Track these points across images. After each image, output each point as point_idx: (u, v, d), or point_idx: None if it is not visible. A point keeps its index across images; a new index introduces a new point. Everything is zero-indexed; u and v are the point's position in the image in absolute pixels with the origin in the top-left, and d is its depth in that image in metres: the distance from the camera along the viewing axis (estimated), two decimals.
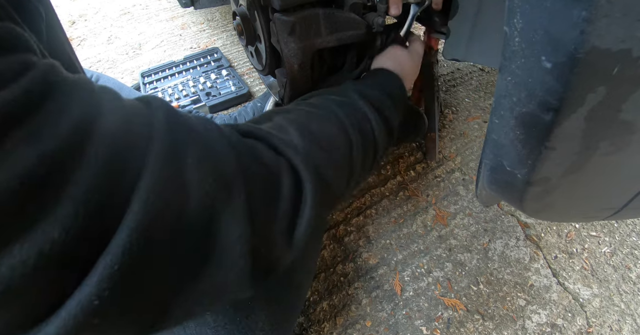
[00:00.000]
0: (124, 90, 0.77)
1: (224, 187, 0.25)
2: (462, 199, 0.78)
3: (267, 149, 0.31)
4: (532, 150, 0.29)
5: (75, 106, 0.19)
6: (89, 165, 0.19)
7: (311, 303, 0.64)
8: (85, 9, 1.67)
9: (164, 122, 0.24)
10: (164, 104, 0.27)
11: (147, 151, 0.22)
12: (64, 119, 0.18)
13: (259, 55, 0.57)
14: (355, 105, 0.43)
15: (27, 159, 0.16)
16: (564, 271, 0.67)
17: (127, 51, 1.33)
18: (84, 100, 0.20)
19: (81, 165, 0.18)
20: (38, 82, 0.18)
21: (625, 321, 0.61)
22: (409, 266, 0.68)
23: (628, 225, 0.75)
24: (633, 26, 0.20)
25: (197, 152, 0.24)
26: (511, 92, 0.27)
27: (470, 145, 0.89)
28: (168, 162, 0.22)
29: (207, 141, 0.26)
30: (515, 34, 0.24)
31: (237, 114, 0.85)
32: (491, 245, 0.70)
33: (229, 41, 1.32)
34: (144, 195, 0.20)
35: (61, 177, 0.18)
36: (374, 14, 0.51)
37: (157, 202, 0.21)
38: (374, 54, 0.57)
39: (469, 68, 1.12)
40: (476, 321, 0.61)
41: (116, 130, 0.21)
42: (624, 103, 0.24)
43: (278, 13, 0.44)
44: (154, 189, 0.21)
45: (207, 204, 0.23)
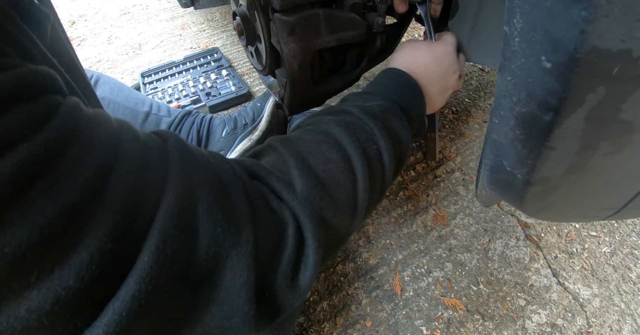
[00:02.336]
0: (124, 90, 0.77)
1: (233, 234, 0.25)
2: (462, 199, 0.78)
3: (271, 193, 0.31)
4: (532, 150, 0.29)
5: (94, 152, 0.20)
6: (105, 215, 0.19)
7: (311, 303, 0.64)
8: (85, 9, 1.67)
9: (179, 163, 0.25)
10: (179, 142, 0.27)
11: (160, 198, 0.22)
12: (83, 168, 0.19)
13: (259, 55, 0.57)
14: (357, 123, 0.38)
15: (48, 211, 0.17)
16: (564, 271, 0.67)
17: (127, 51, 1.33)
18: (103, 143, 0.21)
19: (97, 215, 0.19)
20: (61, 130, 0.19)
21: (625, 321, 0.61)
22: (409, 266, 0.68)
23: (628, 225, 0.75)
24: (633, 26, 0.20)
25: (209, 197, 0.25)
26: (511, 92, 0.27)
27: (470, 145, 0.89)
28: (179, 211, 0.23)
29: (221, 184, 0.27)
30: (515, 34, 0.24)
31: (237, 114, 0.85)
32: (491, 245, 0.70)
33: (229, 41, 1.32)
34: (154, 244, 0.21)
35: (78, 226, 0.18)
36: (374, 14, 0.51)
37: (167, 251, 0.21)
38: (374, 54, 0.57)
39: (469, 68, 1.12)
40: (476, 321, 0.61)
41: (132, 176, 0.22)
42: (624, 103, 0.24)
43: (278, 13, 0.44)
44: (164, 238, 0.21)
45: (214, 251, 0.24)
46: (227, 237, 0.24)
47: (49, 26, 0.31)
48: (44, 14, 0.30)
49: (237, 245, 0.25)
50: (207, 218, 0.24)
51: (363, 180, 0.35)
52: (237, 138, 0.81)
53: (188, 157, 0.26)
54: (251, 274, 0.25)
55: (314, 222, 0.30)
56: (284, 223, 0.29)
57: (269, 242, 0.28)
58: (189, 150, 0.27)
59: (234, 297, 0.25)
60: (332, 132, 0.37)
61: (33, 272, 0.17)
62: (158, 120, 0.78)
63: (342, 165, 0.34)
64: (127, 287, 0.20)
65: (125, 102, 0.75)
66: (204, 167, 0.27)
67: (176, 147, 0.26)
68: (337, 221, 0.33)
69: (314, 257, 0.29)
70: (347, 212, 0.34)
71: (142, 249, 0.21)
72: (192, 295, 0.24)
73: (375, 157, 0.37)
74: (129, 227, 0.20)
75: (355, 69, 0.57)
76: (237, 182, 0.28)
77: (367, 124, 0.38)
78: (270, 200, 0.30)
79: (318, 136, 0.37)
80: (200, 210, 0.24)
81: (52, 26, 0.32)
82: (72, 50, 0.37)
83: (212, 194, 0.25)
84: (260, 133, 0.81)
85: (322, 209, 0.31)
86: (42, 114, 0.19)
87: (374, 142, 0.38)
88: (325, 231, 0.31)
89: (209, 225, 0.24)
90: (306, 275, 0.30)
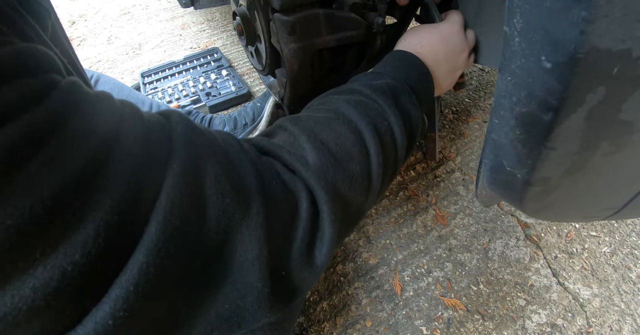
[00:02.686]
0: (124, 90, 0.77)
1: (242, 205, 0.24)
2: (462, 199, 0.78)
3: (283, 166, 0.30)
4: (532, 150, 0.29)
5: (96, 125, 0.20)
6: (110, 187, 0.19)
7: (311, 303, 0.64)
8: (85, 9, 1.67)
9: (183, 137, 0.24)
10: (183, 118, 0.26)
11: (165, 169, 0.22)
12: (86, 139, 0.19)
13: (259, 55, 0.57)
14: (367, 101, 0.38)
15: (51, 183, 0.17)
16: (564, 271, 0.67)
17: (127, 51, 1.33)
18: (105, 118, 0.21)
19: (102, 187, 0.19)
20: (61, 102, 0.19)
21: (625, 321, 0.61)
22: (409, 266, 0.68)
23: (628, 225, 0.75)
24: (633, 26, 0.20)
25: (216, 168, 0.24)
26: (511, 92, 0.27)
27: (470, 145, 0.89)
28: (186, 181, 0.22)
29: (227, 157, 0.26)
30: (515, 34, 0.24)
31: (237, 114, 0.85)
32: (491, 245, 0.70)
33: (229, 41, 1.32)
34: (161, 215, 0.20)
35: (83, 199, 0.18)
36: (374, 14, 0.51)
37: (175, 222, 0.21)
38: (374, 54, 0.57)
39: (469, 68, 1.12)
40: (476, 321, 0.61)
41: (136, 148, 0.21)
42: (624, 103, 0.24)
43: (278, 13, 0.44)
44: (172, 208, 0.21)
45: (224, 222, 0.23)
46: (237, 208, 0.24)
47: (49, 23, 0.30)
48: (45, 9, 0.30)
49: (247, 217, 0.24)
50: (214, 188, 0.23)
51: (376, 154, 0.35)
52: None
53: (192, 131, 0.25)
54: (264, 247, 0.24)
55: (329, 193, 0.29)
56: (297, 196, 0.29)
57: (281, 215, 0.27)
58: (192, 125, 0.26)
59: (247, 274, 0.24)
60: (342, 109, 0.36)
61: (37, 248, 0.16)
62: None
63: (354, 139, 0.34)
64: (135, 260, 0.19)
65: None
66: (209, 140, 0.26)
67: (180, 122, 0.25)
68: (352, 194, 0.32)
69: (330, 230, 0.29)
70: (362, 186, 0.34)
71: (149, 220, 0.20)
72: (203, 273, 0.23)
73: (387, 132, 0.37)
74: (135, 199, 0.20)
75: (355, 69, 0.57)
76: (244, 155, 0.28)
77: (377, 101, 0.38)
78: (282, 174, 0.29)
79: (328, 114, 0.36)
80: (208, 180, 0.23)
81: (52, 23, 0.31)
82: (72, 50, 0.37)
83: (218, 165, 0.24)
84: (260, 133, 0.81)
85: (337, 181, 0.31)
86: (42, 87, 0.18)
87: (385, 118, 0.37)
88: (341, 204, 0.31)
89: (217, 195, 0.23)
90: (322, 251, 0.29)
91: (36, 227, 0.16)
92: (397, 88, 0.41)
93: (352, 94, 0.39)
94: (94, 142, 0.19)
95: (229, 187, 0.24)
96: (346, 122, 0.35)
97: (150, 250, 0.19)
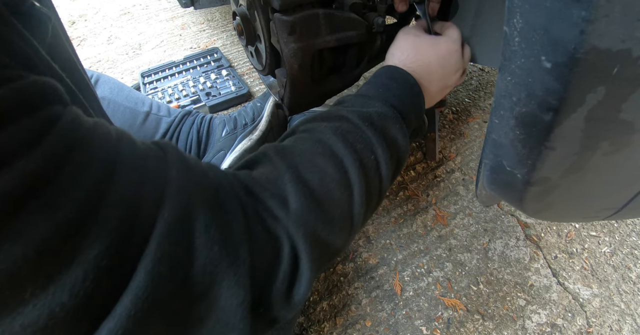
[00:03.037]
0: (124, 90, 0.77)
1: (230, 254, 0.25)
2: (462, 199, 0.78)
3: (265, 210, 0.30)
4: (532, 150, 0.29)
5: (92, 168, 0.20)
6: (100, 232, 0.19)
7: (311, 303, 0.64)
8: (85, 9, 1.67)
9: (177, 179, 0.24)
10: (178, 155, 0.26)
11: (157, 215, 0.22)
12: (80, 184, 0.19)
13: (259, 55, 0.57)
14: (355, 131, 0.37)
15: (44, 229, 0.17)
16: (564, 271, 0.67)
17: (127, 51, 1.33)
18: (102, 157, 0.21)
19: (93, 232, 0.19)
20: (58, 146, 0.19)
21: (625, 321, 0.61)
22: (409, 266, 0.68)
23: (628, 225, 0.75)
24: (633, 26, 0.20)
25: (207, 216, 0.24)
26: (511, 92, 0.27)
27: (470, 145, 0.89)
28: (176, 228, 0.22)
29: (218, 200, 0.26)
30: (515, 34, 0.24)
31: (237, 114, 0.85)
32: (491, 245, 0.70)
33: (229, 41, 1.32)
34: (150, 264, 0.21)
35: (74, 243, 0.18)
36: (374, 14, 0.51)
37: (162, 270, 0.21)
38: (374, 54, 0.57)
39: (469, 68, 1.12)
40: (476, 321, 0.61)
41: (129, 192, 0.21)
42: (624, 103, 0.24)
43: (278, 13, 0.44)
44: (160, 258, 0.21)
45: (210, 269, 0.24)
46: (224, 256, 0.24)
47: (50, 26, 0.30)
48: (45, 15, 0.30)
49: (234, 265, 0.25)
50: (204, 237, 0.23)
51: (359, 194, 0.34)
52: (237, 138, 0.81)
53: (187, 172, 0.25)
54: (248, 293, 0.25)
55: (308, 241, 0.29)
56: (279, 241, 0.29)
57: (264, 260, 0.27)
58: (187, 165, 0.26)
59: (230, 316, 0.25)
60: (329, 142, 0.35)
61: (27, 288, 0.17)
62: (158, 120, 0.77)
63: (338, 179, 0.33)
64: (122, 306, 0.20)
65: (125, 102, 0.75)
66: (202, 182, 0.26)
67: (175, 161, 0.25)
68: (332, 238, 0.32)
69: (307, 273, 0.29)
70: (343, 229, 0.33)
71: (137, 267, 0.20)
72: (188, 314, 0.23)
73: (373, 167, 0.36)
74: (125, 245, 0.20)
75: (355, 69, 0.57)
76: (235, 199, 0.28)
77: (365, 132, 0.37)
78: (265, 218, 0.29)
79: (314, 146, 0.35)
80: (198, 228, 0.24)
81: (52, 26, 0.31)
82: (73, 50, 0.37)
83: (209, 212, 0.25)
84: (260, 133, 0.81)
85: (317, 228, 0.30)
86: (40, 129, 0.19)
87: (372, 152, 0.36)
88: (320, 247, 0.31)
89: (206, 244, 0.23)
90: (300, 290, 0.29)
91: (27, 270, 0.17)
92: (387, 117, 0.40)
93: (341, 122, 0.38)
94: (89, 187, 0.19)
95: (217, 236, 0.24)
96: (332, 157, 0.34)
97: (139, 297, 0.20)
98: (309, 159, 0.33)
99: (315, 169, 0.33)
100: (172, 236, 0.22)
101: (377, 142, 0.37)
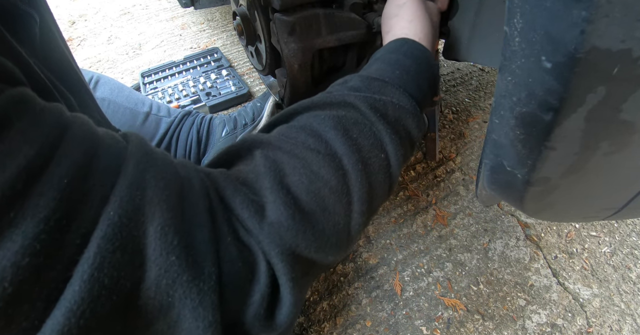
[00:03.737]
0: (124, 90, 0.77)
1: (192, 265, 0.21)
2: (462, 199, 0.78)
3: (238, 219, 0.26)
4: (532, 150, 0.29)
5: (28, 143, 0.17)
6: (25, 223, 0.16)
7: (311, 303, 0.64)
8: (85, 9, 1.67)
9: (132, 172, 0.21)
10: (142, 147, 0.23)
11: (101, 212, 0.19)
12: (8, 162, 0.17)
13: (259, 55, 0.57)
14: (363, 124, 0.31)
15: None
16: (564, 271, 0.67)
17: (127, 51, 1.33)
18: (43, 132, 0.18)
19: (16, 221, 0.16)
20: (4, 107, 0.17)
21: (625, 321, 0.61)
22: (409, 266, 0.68)
23: (628, 225, 0.75)
24: (633, 26, 0.20)
25: (165, 217, 0.20)
26: (511, 92, 0.27)
27: (470, 145, 0.89)
28: (122, 231, 0.19)
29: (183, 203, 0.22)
30: (515, 34, 0.24)
31: (237, 114, 0.85)
32: (491, 245, 0.70)
33: (229, 41, 1.32)
34: (88, 270, 0.17)
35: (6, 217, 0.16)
36: (374, 14, 0.51)
37: (103, 279, 0.18)
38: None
39: (469, 68, 1.12)
40: (476, 321, 0.61)
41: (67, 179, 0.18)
42: (624, 103, 0.24)
43: (278, 13, 0.45)
44: (100, 264, 0.18)
45: (166, 283, 0.20)
46: (184, 268, 0.20)
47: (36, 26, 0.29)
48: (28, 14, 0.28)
49: (197, 279, 0.21)
50: (158, 242, 0.20)
51: (360, 202, 0.28)
52: (237, 138, 0.81)
53: (148, 165, 0.22)
54: (216, 315, 0.21)
55: (285, 261, 0.24)
56: (255, 256, 0.24)
57: (236, 277, 0.23)
58: (151, 158, 0.22)
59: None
60: (327, 136, 0.29)
61: None
62: (158, 120, 0.78)
63: (334, 184, 0.27)
64: (54, 321, 0.17)
65: (125, 103, 0.75)
66: (165, 178, 0.22)
67: (136, 153, 0.22)
68: (320, 255, 0.27)
69: (289, 298, 0.25)
70: (335, 244, 0.28)
71: (73, 274, 0.17)
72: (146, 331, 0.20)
73: (381, 169, 0.30)
74: (55, 243, 0.17)
75: (355, 69, 0.57)
76: (203, 202, 0.23)
77: (376, 125, 0.31)
78: (237, 228, 0.25)
79: (307, 141, 0.29)
80: (151, 232, 0.20)
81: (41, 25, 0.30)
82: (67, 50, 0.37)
83: (168, 213, 0.21)
84: None
85: (298, 245, 0.25)
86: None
87: (382, 150, 0.31)
88: (303, 268, 0.26)
89: (161, 252, 0.20)
90: (283, 313, 0.25)
91: None
92: (404, 108, 0.34)
93: (347, 110, 0.32)
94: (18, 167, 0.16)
95: (176, 243, 0.20)
96: (328, 157, 0.28)
97: (73, 312, 0.17)
98: (299, 157, 0.28)
99: (305, 170, 0.27)
100: (116, 239, 0.18)
101: (389, 138, 0.31)
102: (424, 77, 0.37)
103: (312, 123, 0.31)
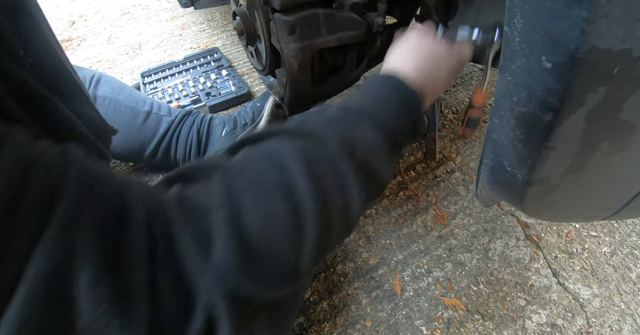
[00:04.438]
0: (125, 90, 0.77)
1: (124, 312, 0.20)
2: (462, 199, 0.78)
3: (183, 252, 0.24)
4: (532, 150, 0.29)
5: None
6: None
7: (311, 303, 0.64)
8: (85, 9, 1.67)
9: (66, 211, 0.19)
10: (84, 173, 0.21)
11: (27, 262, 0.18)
12: None
13: (259, 55, 0.57)
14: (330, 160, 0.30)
15: None
16: (564, 271, 0.67)
17: (127, 51, 1.33)
18: None
19: None
20: None
21: (625, 321, 0.61)
22: (409, 266, 0.68)
23: (628, 225, 0.75)
24: (633, 26, 0.20)
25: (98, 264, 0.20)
26: (511, 92, 0.27)
27: (470, 145, 0.89)
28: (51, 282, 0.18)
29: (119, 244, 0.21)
30: (515, 34, 0.24)
31: (237, 114, 0.85)
32: (491, 245, 0.70)
33: (229, 41, 1.32)
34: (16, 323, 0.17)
35: None
36: (374, 14, 0.51)
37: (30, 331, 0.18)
38: (374, 54, 0.57)
39: (469, 68, 1.12)
40: (476, 321, 0.61)
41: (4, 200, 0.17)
42: (624, 103, 0.24)
43: (278, 13, 0.45)
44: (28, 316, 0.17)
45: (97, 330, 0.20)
46: (116, 315, 0.20)
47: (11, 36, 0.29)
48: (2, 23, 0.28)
49: (130, 325, 0.20)
50: (88, 294, 0.19)
51: (313, 243, 0.28)
52: (236, 138, 0.81)
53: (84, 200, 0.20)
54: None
55: (227, 301, 0.24)
56: (192, 297, 0.23)
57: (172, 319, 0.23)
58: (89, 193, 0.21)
59: None
60: (291, 169, 0.28)
61: None
62: (159, 119, 0.78)
63: (288, 222, 0.26)
64: None
65: (126, 101, 0.75)
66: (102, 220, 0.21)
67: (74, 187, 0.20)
68: (265, 294, 0.26)
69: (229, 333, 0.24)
70: (279, 285, 0.27)
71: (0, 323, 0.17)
72: None
73: (341, 209, 0.30)
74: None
75: (355, 69, 0.57)
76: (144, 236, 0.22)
77: (342, 164, 0.31)
78: (181, 263, 0.24)
79: (269, 173, 0.28)
80: (82, 282, 0.19)
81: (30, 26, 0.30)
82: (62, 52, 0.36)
83: (101, 260, 0.20)
84: None
85: (243, 286, 0.25)
86: None
87: (344, 191, 0.30)
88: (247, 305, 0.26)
89: (91, 301, 0.19)
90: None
91: None
92: (378, 148, 0.34)
93: (316, 145, 0.31)
94: None
95: (107, 293, 0.20)
96: (288, 193, 0.27)
97: None
98: (259, 190, 0.27)
99: (262, 206, 0.26)
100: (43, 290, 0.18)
101: (353, 179, 0.31)
102: (404, 116, 0.37)
103: (280, 152, 0.30)
